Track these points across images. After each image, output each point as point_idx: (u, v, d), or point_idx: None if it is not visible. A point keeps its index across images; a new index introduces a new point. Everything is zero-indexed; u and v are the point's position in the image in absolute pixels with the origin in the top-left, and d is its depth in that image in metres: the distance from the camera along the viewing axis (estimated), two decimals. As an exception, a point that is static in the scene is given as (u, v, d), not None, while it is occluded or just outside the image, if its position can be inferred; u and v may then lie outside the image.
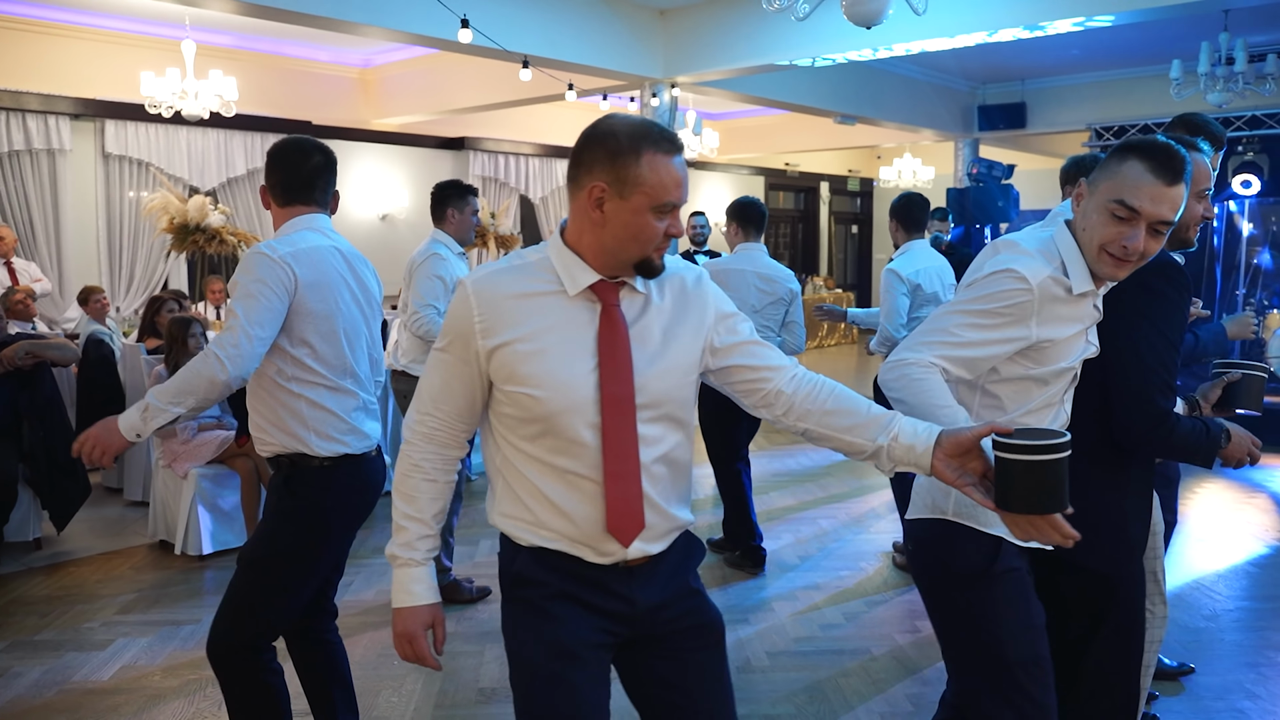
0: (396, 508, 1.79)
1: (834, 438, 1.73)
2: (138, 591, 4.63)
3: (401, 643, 1.78)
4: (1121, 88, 11.34)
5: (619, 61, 8.00)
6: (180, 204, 7.41)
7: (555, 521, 1.69)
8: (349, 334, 2.54)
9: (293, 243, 2.46)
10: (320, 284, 2.47)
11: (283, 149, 2.56)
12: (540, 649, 1.69)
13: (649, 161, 1.60)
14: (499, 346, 1.65)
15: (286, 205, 2.55)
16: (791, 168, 16.97)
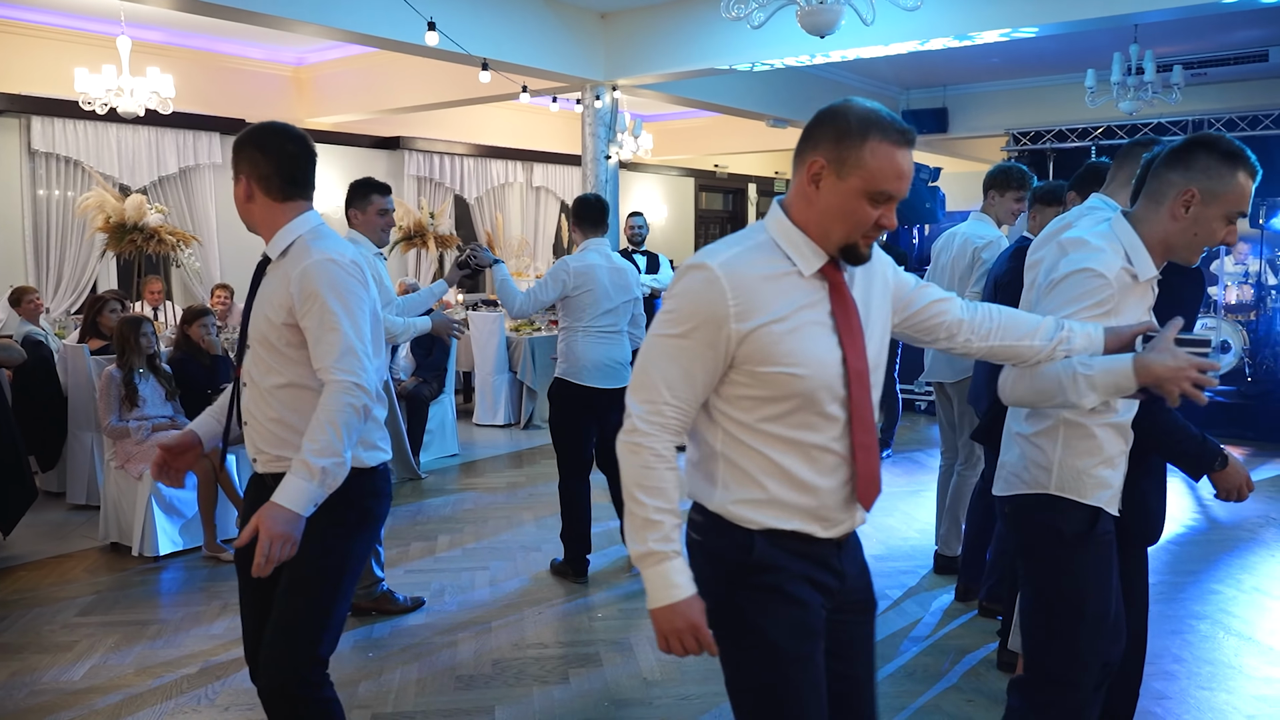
0: (642, 504, 1.69)
1: (1016, 347, 1.99)
2: (95, 594, 4.59)
3: (683, 636, 1.67)
4: (1038, 95, 11.84)
5: (561, 64, 8.11)
6: (117, 203, 7.29)
7: (795, 497, 1.73)
8: (378, 340, 2.39)
9: (345, 248, 2.28)
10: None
11: (276, 134, 2.30)
12: (788, 632, 1.73)
13: (873, 148, 1.63)
14: (756, 329, 1.66)
15: (286, 200, 2.29)
16: (720, 169, 17.24)
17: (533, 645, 3.96)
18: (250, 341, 2.28)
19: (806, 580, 1.75)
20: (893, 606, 4.41)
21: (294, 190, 2.29)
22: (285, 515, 2.06)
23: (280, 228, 2.27)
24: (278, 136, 2.28)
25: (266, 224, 2.29)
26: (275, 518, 2.06)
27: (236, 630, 4.08)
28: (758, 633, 1.73)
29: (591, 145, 8.59)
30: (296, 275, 2.17)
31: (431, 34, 6.57)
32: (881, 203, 1.67)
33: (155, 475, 2.48)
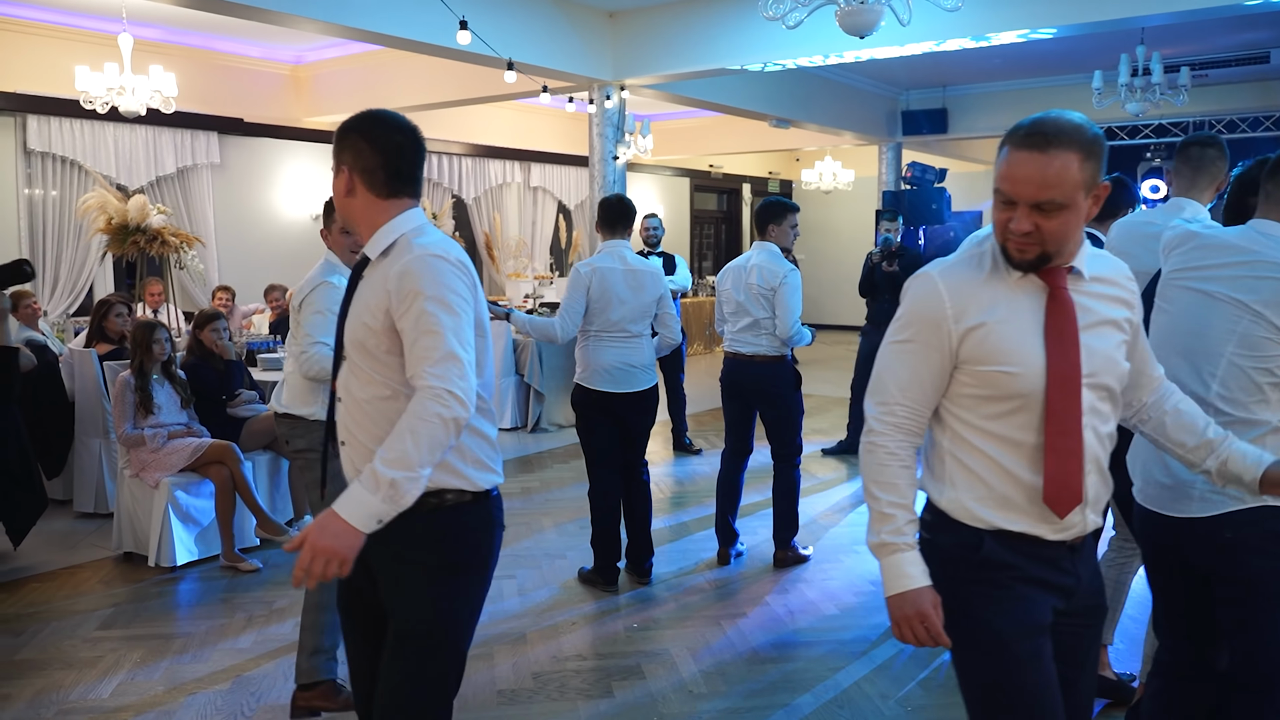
0: (876, 498, 1.81)
1: (1169, 445, 2.00)
2: (113, 606, 4.47)
3: (912, 624, 1.76)
4: (1038, 96, 11.85)
5: (568, 63, 8.01)
6: (119, 203, 7.14)
7: (1017, 497, 1.78)
8: (484, 349, 2.11)
9: (450, 245, 2.05)
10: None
11: (384, 123, 2.05)
12: (1016, 627, 1.78)
13: (1003, 152, 1.74)
14: (973, 329, 1.76)
15: (391, 196, 2.05)
16: (715, 170, 17.20)
17: (571, 658, 3.87)
18: (346, 351, 2.08)
19: (1037, 581, 1.80)
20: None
21: (399, 186, 2.06)
22: (339, 528, 1.80)
23: (382, 225, 2.05)
24: (385, 126, 2.04)
25: (367, 221, 2.07)
26: (325, 529, 1.80)
27: (264, 644, 4.00)
28: (986, 628, 1.79)
29: (599, 146, 8.50)
30: (395, 273, 1.95)
31: (463, 33, 6.47)
32: (1003, 205, 1.74)
33: None
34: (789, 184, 19.11)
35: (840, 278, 18.26)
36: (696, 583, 4.76)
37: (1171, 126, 11.00)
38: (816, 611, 4.39)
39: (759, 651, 3.95)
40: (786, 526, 5.00)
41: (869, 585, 4.70)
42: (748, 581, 4.78)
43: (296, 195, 10.75)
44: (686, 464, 7.34)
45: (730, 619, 4.28)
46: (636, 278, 4.52)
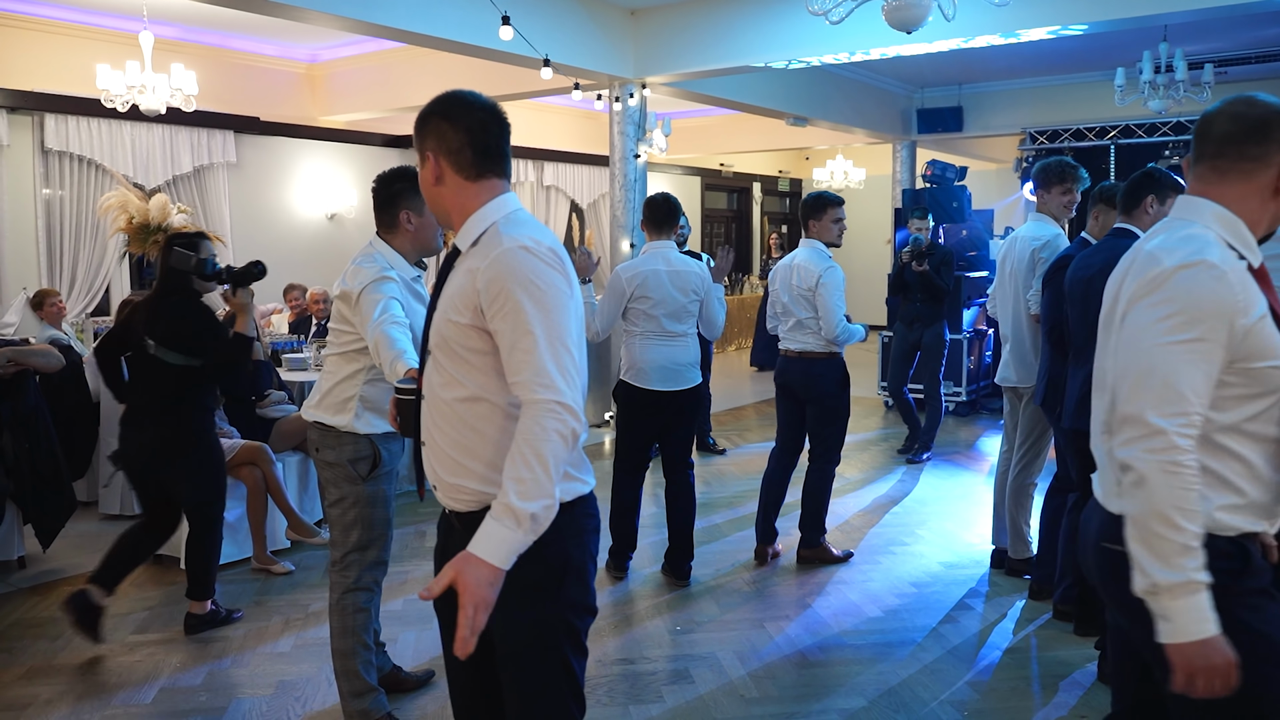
0: (1180, 527, 1.61)
1: None
2: (147, 610, 4.42)
3: (1218, 673, 1.60)
4: (1055, 93, 11.80)
5: (589, 60, 7.95)
6: (140, 202, 7.09)
7: (1263, 497, 1.73)
8: (582, 348, 1.95)
9: (544, 234, 1.92)
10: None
11: (463, 101, 1.95)
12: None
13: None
14: (1255, 323, 1.67)
15: (480, 177, 1.94)
16: (726, 168, 17.14)
17: (616, 661, 3.82)
18: (430, 347, 1.96)
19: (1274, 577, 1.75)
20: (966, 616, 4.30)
21: (487, 164, 1.93)
22: (488, 574, 1.66)
23: (472, 213, 1.92)
24: (465, 103, 1.94)
25: (458, 209, 1.94)
26: (479, 579, 1.65)
27: (304, 648, 3.95)
28: (1270, 641, 1.69)
29: (620, 144, 8.44)
30: (485, 268, 1.82)
31: (505, 29, 6.44)
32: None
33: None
34: (799, 182, 19.06)
35: (851, 276, 18.07)
36: (735, 584, 4.71)
37: (1189, 124, 10.93)
38: (859, 613, 4.34)
39: (806, 654, 3.90)
40: (813, 526, 4.97)
41: (909, 587, 4.65)
42: (786, 583, 4.73)
43: (312, 194, 10.69)
44: (710, 463, 7.29)
45: (773, 621, 4.23)
46: (683, 279, 4.53)
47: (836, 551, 5.03)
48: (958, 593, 4.59)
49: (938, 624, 4.21)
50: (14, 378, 4.84)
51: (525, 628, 1.87)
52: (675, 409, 4.60)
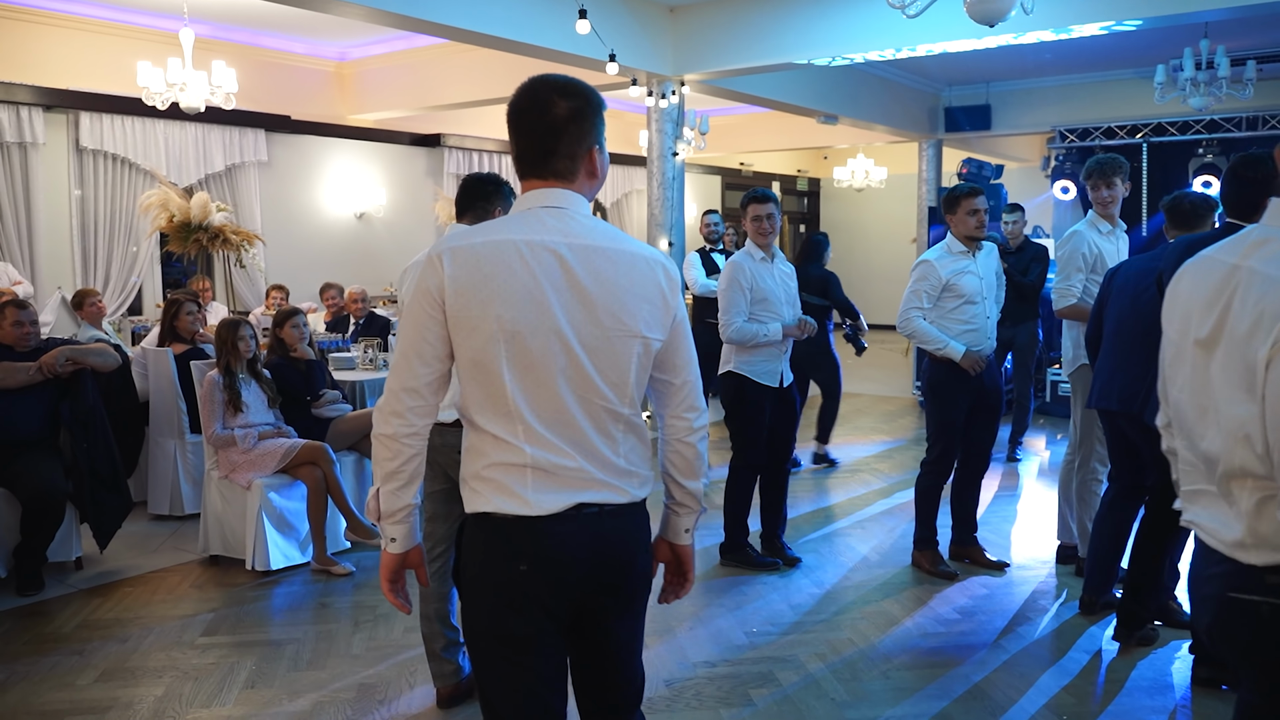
0: None
1: None
2: (212, 611, 4.36)
3: None
4: (1085, 91, 11.72)
5: (627, 57, 7.88)
6: (182, 201, 7.06)
7: None
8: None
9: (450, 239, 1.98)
10: None
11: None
12: None
13: None
14: None
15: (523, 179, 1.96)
16: (745, 168, 17.08)
17: (699, 664, 3.76)
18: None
19: None
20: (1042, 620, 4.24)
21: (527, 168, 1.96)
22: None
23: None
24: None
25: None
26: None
27: (378, 650, 3.90)
28: None
29: (658, 142, 8.38)
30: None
31: (583, 22, 6.41)
32: None
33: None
34: (817, 181, 19.01)
35: (871, 275, 18.15)
36: (801, 583, 4.65)
37: (1224, 122, 10.86)
38: (932, 613, 4.28)
39: (888, 656, 3.84)
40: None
41: (979, 587, 4.59)
42: (854, 583, 4.67)
43: (341, 193, 10.65)
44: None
45: (849, 623, 4.17)
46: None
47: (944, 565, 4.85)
48: (1028, 591, 4.53)
49: (1013, 624, 4.15)
50: (72, 377, 4.80)
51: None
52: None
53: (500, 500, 1.80)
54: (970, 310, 4.55)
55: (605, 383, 1.82)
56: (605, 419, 1.84)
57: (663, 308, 1.88)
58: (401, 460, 1.85)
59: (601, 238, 1.85)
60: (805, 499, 6.23)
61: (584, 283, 1.80)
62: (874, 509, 6.03)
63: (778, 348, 4.66)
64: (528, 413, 1.79)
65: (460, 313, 1.77)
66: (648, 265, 1.88)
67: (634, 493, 1.88)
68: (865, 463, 7.34)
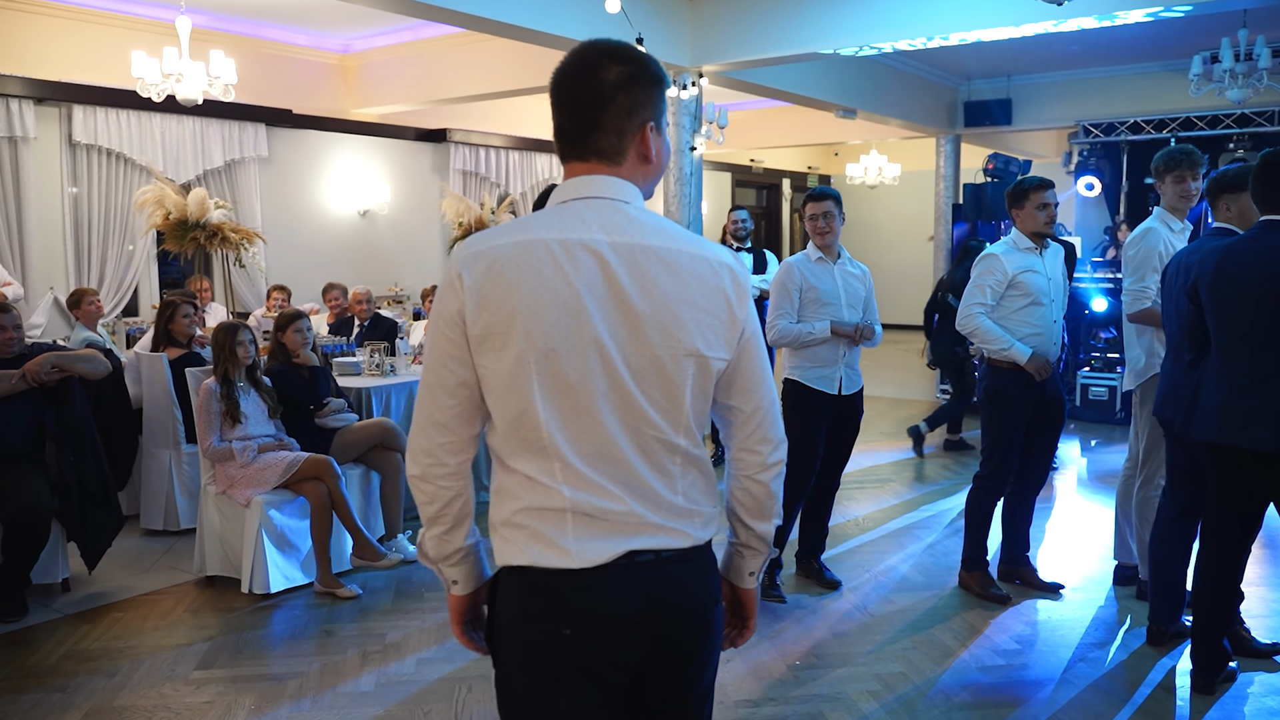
0: None
1: None
2: (208, 640, 4.03)
3: None
4: (1110, 84, 11.39)
5: (645, 47, 7.55)
6: (178, 197, 6.73)
7: None
8: None
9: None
10: None
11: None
12: None
13: None
14: None
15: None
16: (756, 164, 16.74)
17: (742, 704, 3.43)
18: None
19: None
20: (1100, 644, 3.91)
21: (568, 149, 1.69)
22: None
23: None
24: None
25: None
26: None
27: (390, 687, 3.56)
28: None
29: (675, 136, 8.05)
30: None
31: (612, 2, 6.12)
32: None
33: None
34: (829, 178, 18.66)
35: (884, 274, 17.77)
36: (845, 609, 4.32)
37: (1255, 116, 10.52)
38: (989, 643, 3.95)
39: (947, 693, 3.51)
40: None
41: (1034, 611, 4.26)
42: (900, 608, 4.34)
43: (345, 190, 10.31)
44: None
45: (899, 654, 3.84)
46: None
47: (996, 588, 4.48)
48: (1087, 617, 4.20)
49: (1078, 657, 3.81)
50: (58, 385, 4.48)
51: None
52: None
53: (536, 551, 1.52)
54: (1037, 312, 4.21)
55: (655, 410, 1.54)
56: (659, 451, 1.55)
57: (728, 321, 1.58)
58: (441, 504, 1.60)
59: (653, 235, 1.56)
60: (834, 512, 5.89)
61: (629, 290, 1.51)
62: (907, 521, 5.69)
63: (833, 351, 4.30)
64: (566, 447, 1.51)
65: (484, 331, 1.50)
66: (710, 269, 1.58)
67: (697, 535, 1.58)
68: (893, 470, 7.02)
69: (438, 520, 1.62)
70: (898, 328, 17.50)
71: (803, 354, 4.32)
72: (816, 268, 4.35)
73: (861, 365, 4.40)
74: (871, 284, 4.49)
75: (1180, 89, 9.72)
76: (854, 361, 4.39)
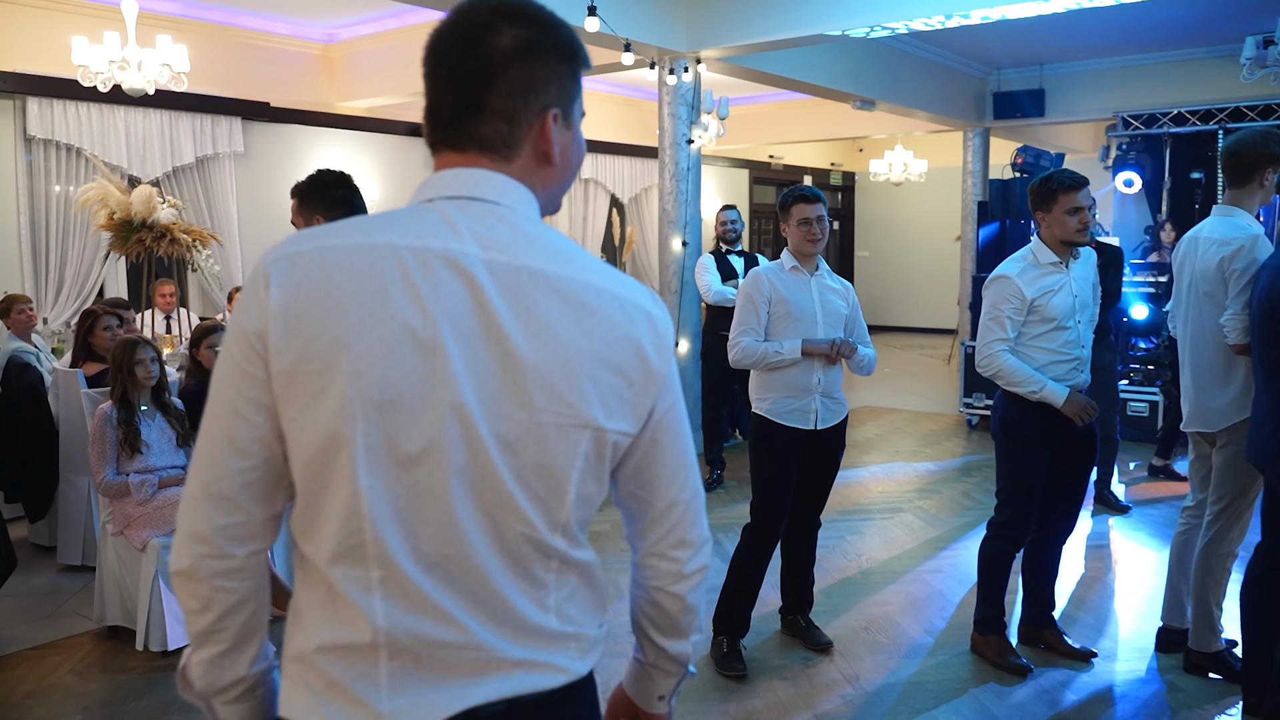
0: None
1: None
2: (83, 711, 3.45)
3: None
4: (1151, 73, 10.58)
5: (635, 30, 6.88)
6: (122, 195, 6.18)
7: None
8: None
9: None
10: None
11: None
12: None
13: None
14: None
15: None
16: (775, 161, 16.04)
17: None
18: None
19: None
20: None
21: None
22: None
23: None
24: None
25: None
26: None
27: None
28: None
29: (670, 127, 7.39)
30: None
31: (591, 20, 5.55)
32: None
33: None
34: (852, 175, 17.92)
35: (909, 274, 17.09)
36: (829, 679, 3.66)
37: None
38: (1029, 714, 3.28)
39: None
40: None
41: (1064, 691, 3.57)
42: (902, 680, 3.67)
43: (329, 188, 9.75)
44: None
45: (894, 747, 3.18)
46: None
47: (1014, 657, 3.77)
48: (1127, 693, 3.51)
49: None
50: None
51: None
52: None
53: (334, 711, 1.08)
54: (1060, 337, 3.51)
55: (529, 498, 1.11)
56: (528, 555, 1.13)
57: (640, 384, 1.16)
58: (217, 614, 1.13)
59: (550, 258, 1.13)
60: (836, 550, 5.23)
61: (508, 328, 1.09)
62: (921, 567, 4.99)
63: (806, 376, 3.61)
64: (396, 546, 1.07)
65: (293, 366, 1.05)
66: (623, 312, 1.15)
67: (573, 667, 1.17)
68: (906, 498, 6.32)
69: (212, 637, 1.14)
70: (923, 331, 16.77)
71: (771, 382, 3.65)
72: (790, 278, 3.69)
73: (882, 372, 3.72)
74: (856, 301, 3.80)
75: (1230, 75, 8.94)
76: (833, 389, 3.69)
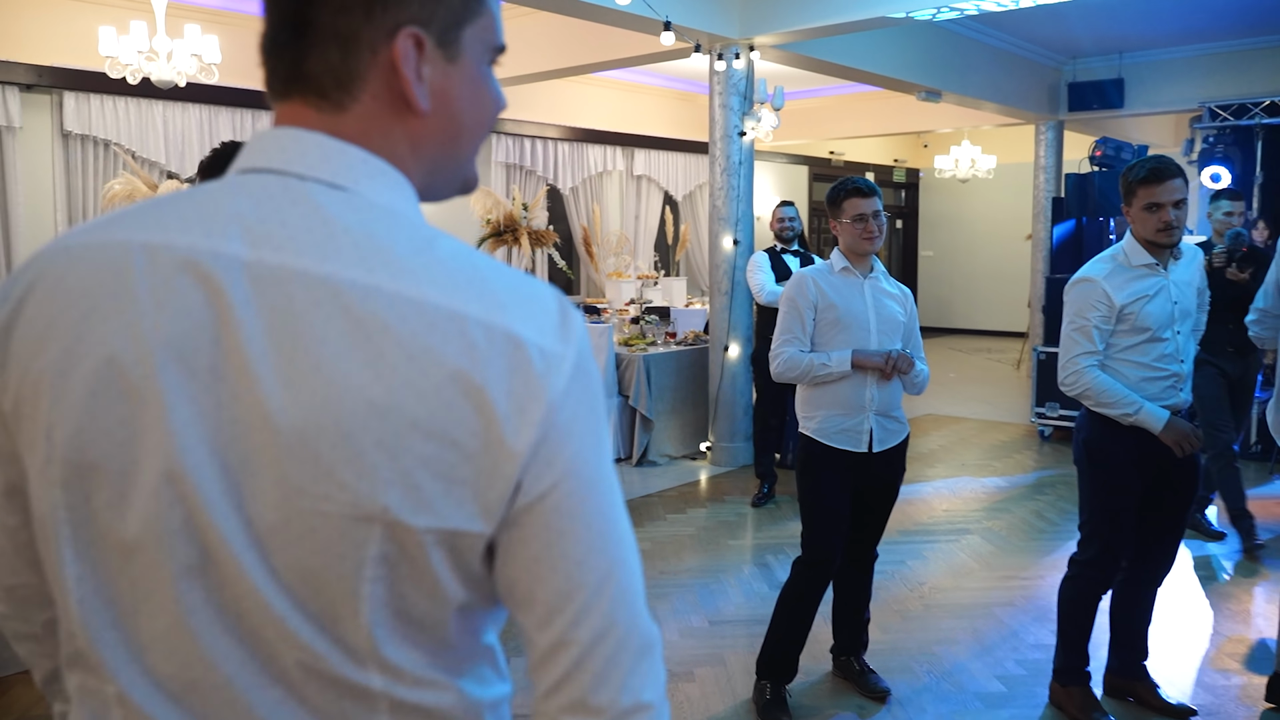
0: None
1: None
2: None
3: None
4: (1242, 60, 9.89)
5: (684, 15, 6.50)
6: (150, 190, 5.97)
7: None
8: None
9: None
10: None
11: None
12: None
13: None
14: None
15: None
16: (836, 157, 15.51)
17: None
18: None
19: None
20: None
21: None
22: None
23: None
24: None
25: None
26: None
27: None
28: None
29: (722, 119, 6.98)
30: None
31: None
32: None
33: None
34: (916, 172, 17.31)
35: (975, 275, 16.44)
36: None
37: None
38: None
39: None
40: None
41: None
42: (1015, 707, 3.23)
43: (371, 185, 9.53)
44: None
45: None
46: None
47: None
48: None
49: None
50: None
51: None
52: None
53: None
54: (1155, 350, 3.04)
55: (301, 615, 0.75)
56: (324, 694, 0.76)
57: (481, 454, 0.73)
58: (40, 677, 0.93)
59: (357, 260, 0.77)
60: (895, 576, 4.78)
61: (256, 367, 0.73)
62: (989, 598, 4.52)
63: (857, 392, 3.19)
64: (117, 658, 0.76)
65: (14, 407, 0.79)
66: (462, 343, 0.74)
67: None
68: (972, 518, 5.84)
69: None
70: (991, 334, 16.09)
71: (819, 398, 3.23)
72: (839, 281, 3.27)
73: (946, 377, 3.30)
74: (914, 309, 3.37)
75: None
76: (891, 405, 3.25)
